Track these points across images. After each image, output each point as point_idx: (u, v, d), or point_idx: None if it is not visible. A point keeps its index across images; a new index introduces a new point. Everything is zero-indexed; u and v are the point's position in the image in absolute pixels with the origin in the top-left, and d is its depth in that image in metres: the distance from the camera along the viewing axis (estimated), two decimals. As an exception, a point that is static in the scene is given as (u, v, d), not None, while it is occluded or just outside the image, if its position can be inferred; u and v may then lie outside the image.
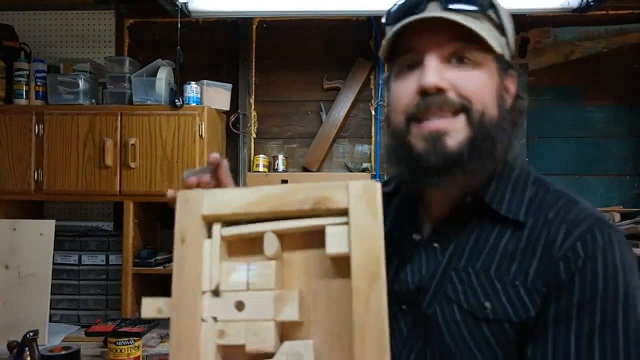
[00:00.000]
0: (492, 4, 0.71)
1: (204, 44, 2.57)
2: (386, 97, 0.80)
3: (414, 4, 0.71)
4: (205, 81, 2.27)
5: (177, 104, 2.17)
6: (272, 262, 0.59)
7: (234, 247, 0.62)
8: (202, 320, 0.58)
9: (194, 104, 2.22)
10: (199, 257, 0.59)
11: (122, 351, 1.80)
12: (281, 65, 2.58)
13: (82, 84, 2.22)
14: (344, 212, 0.56)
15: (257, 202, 0.58)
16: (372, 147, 2.54)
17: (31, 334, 1.72)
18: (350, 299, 0.53)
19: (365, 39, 2.51)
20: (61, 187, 2.19)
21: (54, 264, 2.19)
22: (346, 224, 0.56)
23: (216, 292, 0.59)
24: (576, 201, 0.71)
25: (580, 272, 0.64)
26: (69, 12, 2.58)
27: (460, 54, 0.70)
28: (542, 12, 2.25)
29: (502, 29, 0.72)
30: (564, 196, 0.72)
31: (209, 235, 0.60)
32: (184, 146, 2.17)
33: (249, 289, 0.58)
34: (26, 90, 2.24)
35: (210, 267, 0.59)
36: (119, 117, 2.18)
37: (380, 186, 0.55)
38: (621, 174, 2.46)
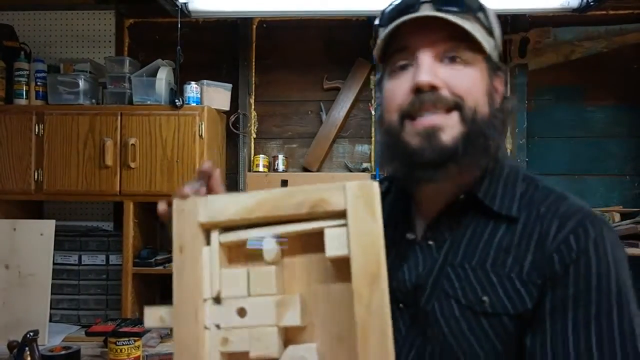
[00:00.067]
0: (482, 7, 0.74)
1: (204, 44, 2.57)
2: (379, 97, 0.81)
3: (408, 5, 0.73)
4: (205, 81, 2.27)
5: (177, 104, 2.17)
6: (272, 267, 0.58)
7: (233, 253, 0.61)
8: (205, 328, 0.57)
9: (194, 104, 2.22)
10: (199, 265, 0.58)
11: (122, 351, 1.80)
12: (281, 65, 2.58)
13: (82, 84, 2.22)
14: (342, 214, 0.55)
15: (254, 208, 0.58)
16: (372, 147, 2.54)
17: (31, 334, 1.72)
18: (352, 300, 0.53)
19: (365, 39, 2.51)
20: (61, 187, 2.19)
21: (54, 264, 2.19)
22: (345, 226, 0.55)
23: (217, 300, 0.59)
24: (566, 196, 0.73)
25: (574, 264, 0.66)
26: (69, 12, 2.58)
27: (452, 54, 0.72)
28: (542, 12, 2.26)
29: (490, 31, 0.75)
30: (553, 192, 0.74)
31: (207, 242, 0.60)
32: (184, 146, 2.17)
33: (250, 295, 0.58)
34: (26, 90, 2.25)
35: (210, 275, 0.59)
36: (119, 117, 2.18)
37: (377, 186, 0.55)
38: (621, 174, 2.47)
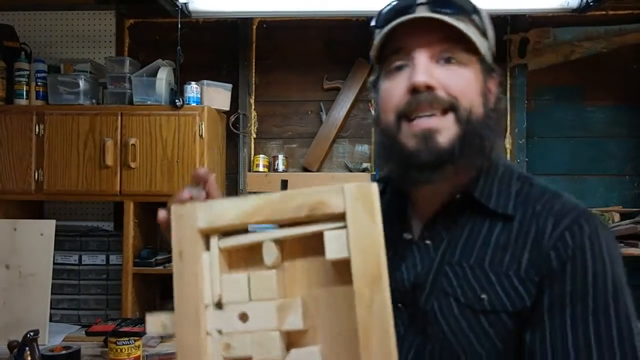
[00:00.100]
0: (476, 9, 0.75)
1: (204, 44, 2.57)
2: (375, 97, 0.83)
3: (404, 7, 0.74)
4: (205, 81, 2.27)
5: (177, 104, 2.17)
6: (273, 271, 0.58)
7: (233, 258, 0.61)
8: (207, 334, 0.57)
9: (194, 104, 2.22)
10: (199, 270, 0.58)
11: (123, 351, 1.80)
12: (281, 65, 2.58)
13: (82, 84, 2.23)
14: (342, 216, 0.55)
15: (253, 212, 0.58)
16: (372, 147, 2.55)
17: (31, 334, 1.72)
18: (353, 303, 0.53)
19: (365, 39, 2.51)
20: (61, 187, 2.19)
21: (55, 264, 2.19)
22: (344, 228, 0.55)
23: (219, 305, 0.59)
24: (560, 195, 0.74)
25: (571, 260, 0.67)
26: (69, 12, 2.58)
27: (448, 54, 0.73)
28: (542, 12, 2.26)
29: (484, 33, 0.76)
30: (548, 190, 0.75)
31: (207, 247, 0.60)
32: (184, 146, 2.17)
33: (251, 300, 0.58)
34: (27, 90, 2.25)
35: (211, 280, 0.59)
36: (119, 117, 2.18)
37: (376, 187, 0.55)
38: (621, 174, 2.47)
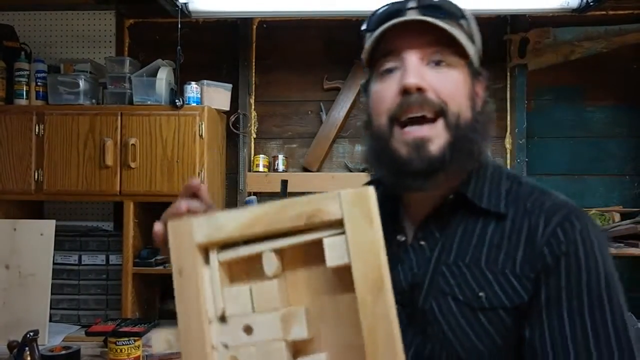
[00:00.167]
0: (463, 15, 0.78)
1: (204, 44, 2.57)
2: (366, 100, 0.84)
3: (394, 11, 0.76)
4: (205, 81, 2.27)
5: (177, 104, 2.17)
6: (274, 281, 0.58)
7: (234, 270, 0.61)
8: (213, 348, 0.57)
9: (194, 104, 2.22)
10: (200, 286, 0.58)
11: (122, 351, 1.80)
12: (281, 65, 2.58)
13: (82, 84, 2.22)
14: (340, 223, 0.55)
15: (250, 224, 0.58)
16: (372, 147, 2.54)
17: (31, 334, 1.72)
18: (357, 308, 0.53)
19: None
20: (61, 187, 2.19)
21: (54, 264, 2.19)
22: (343, 234, 0.55)
23: (223, 319, 0.58)
24: (548, 192, 0.77)
25: (564, 256, 0.69)
26: (69, 12, 2.58)
27: (438, 57, 0.75)
28: (542, 12, 2.26)
29: (472, 38, 0.78)
30: (537, 188, 0.78)
31: (206, 261, 0.59)
32: (184, 146, 2.17)
33: (254, 312, 0.58)
34: (26, 90, 2.25)
35: (213, 294, 0.58)
36: (119, 117, 2.18)
37: (373, 191, 0.55)
38: (621, 174, 2.47)
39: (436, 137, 0.73)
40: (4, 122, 2.20)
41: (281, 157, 2.50)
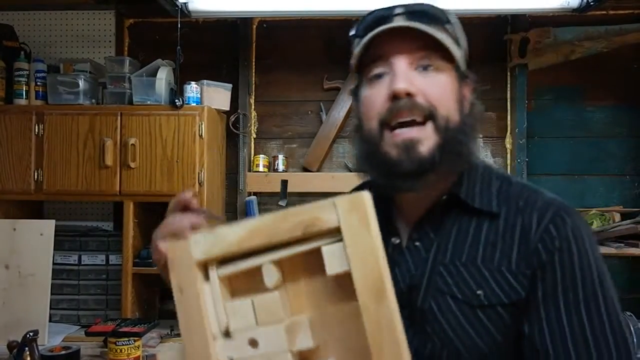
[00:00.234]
0: (449, 20, 0.79)
1: (204, 44, 2.57)
2: (355, 106, 0.86)
3: (382, 17, 0.78)
4: (205, 81, 2.27)
5: (177, 104, 2.17)
6: (275, 293, 0.58)
7: (234, 284, 0.61)
8: None
9: (194, 104, 2.22)
10: (202, 303, 0.58)
11: (122, 351, 1.80)
12: (281, 65, 2.58)
13: (82, 84, 2.22)
14: (337, 230, 0.55)
15: (248, 237, 0.58)
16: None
17: (31, 334, 1.72)
18: (361, 316, 0.53)
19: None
20: (61, 187, 2.19)
21: (54, 264, 2.19)
22: (341, 242, 0.55)
23: (227, 334, 0.58)
24: (538, 190, 0.79)
25: (558, 251, 0.72)
26: (69, 12, 2.58)
27: (426, 62, 0.76)
28: (542, 12, 2.26)
29: (457, 41, 0.80)
30: (526, 186, 0.80)
31: (206, 278, 0.59)
32: (184, 146, 2.17)
33: (258, 325, 0.58)
34: (26, 90, 2.24)
35: (215, 310, 0.59)
36: (119, 117, 2.18)
37: (369, 195, 0.55)
38: (621, 174, 2.46)
39: (426, 138, 0.74)
40: (3, 122, 2.20)
41: (281, 157, 2.50)
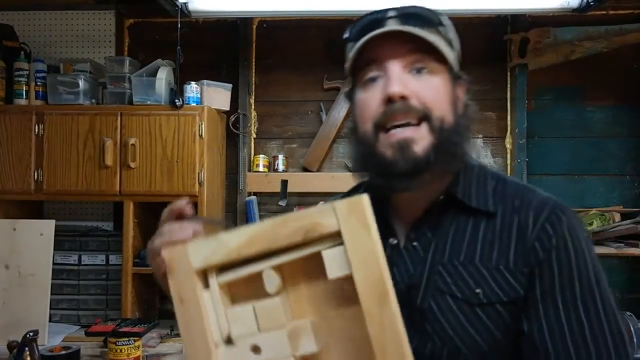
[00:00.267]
0: (441, 22, 0.80)
1: (204, 44, 2.57)
2: (350, 109, 0.87)
3: (375, 21, 0.78)
4: (205, 81, 2.27)
5: (177, 104, 2.17)
6: (276, 298, 0.58)
7: (234, 290, 0.60)
8: None
9: (194, 104, 2.22)
10: (203, 311, 0.58)
11: (122, 351, 1.80)
12: (281, 65, 2.58)
13: (82, 84, 2.22)
14: (337, 234, 0.55)
15: (247, 243, 0.57)
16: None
17: (31, 334, 1.72)
18: (363, 319, 0.53)
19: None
20: (61, 187, 2.19)
21: (54, 264, 2.19)
22: (342, 245, 0.54)
23: (229, 341, 0.58)
24: (533, 189, 0.80)
25: (555, 249, 0.73)
26: (69, 12, 2.58)
27: (420, 65, 0.77)
28: (542, 12, 2.26)
29: (450, 43, 0.80)
30: (520, 186, 0.82)
31: (205, 285, 0.59)
32: (184, 146, 2.17)
33: (260, 331, 0.57)
34: (26, 90, 2.24)
35: (216, 318, 0.58)
36: (119, 117, 2.18)
37: (367, 198, 0.55)
38: (621, 174, 2.46)
39: (420, 138, 0.75)
40: (3, 122, 2.20)
41: (281, 157, 2.50)
